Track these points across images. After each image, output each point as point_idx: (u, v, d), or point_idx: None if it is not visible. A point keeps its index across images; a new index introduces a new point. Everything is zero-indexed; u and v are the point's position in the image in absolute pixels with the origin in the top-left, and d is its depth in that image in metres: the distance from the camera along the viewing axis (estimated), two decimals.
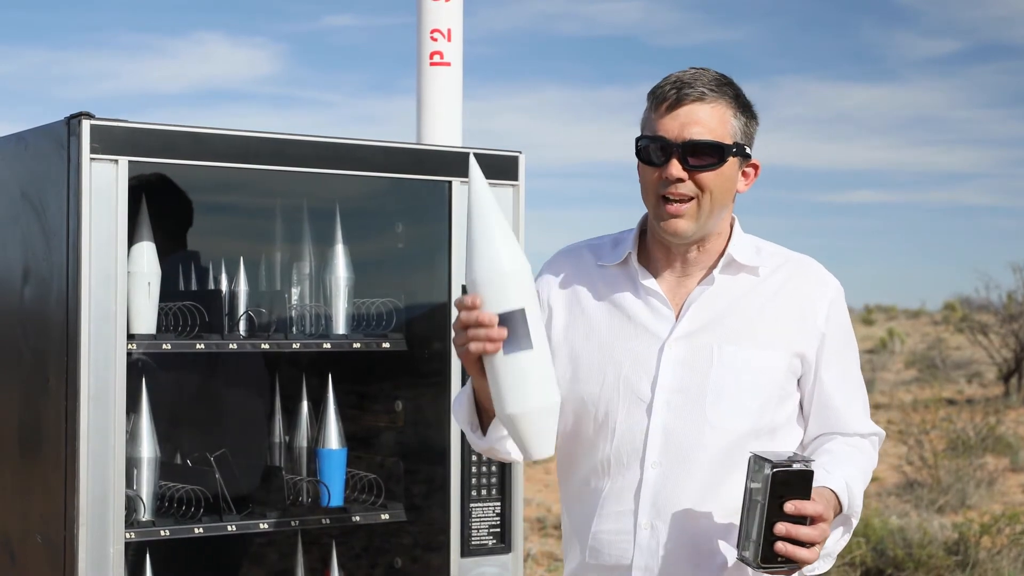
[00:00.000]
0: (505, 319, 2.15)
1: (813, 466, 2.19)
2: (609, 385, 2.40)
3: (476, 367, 2.22)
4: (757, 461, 2.19)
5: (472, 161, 2.21)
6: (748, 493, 2.20)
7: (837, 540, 2.36)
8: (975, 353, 21.65)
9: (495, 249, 2.16)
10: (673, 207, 2.35)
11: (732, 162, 2.37)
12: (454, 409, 2.49)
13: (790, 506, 2.15)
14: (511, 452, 2.37)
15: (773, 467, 2.15)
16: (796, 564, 2.18)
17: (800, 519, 2.17)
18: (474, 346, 2.16)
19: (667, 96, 2.36)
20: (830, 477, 2.29)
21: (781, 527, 2.15)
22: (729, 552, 2.36)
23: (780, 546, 2.16)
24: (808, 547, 2.17)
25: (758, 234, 2.53)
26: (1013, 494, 10.45)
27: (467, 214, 2.19)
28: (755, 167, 2.46)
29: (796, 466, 2.17)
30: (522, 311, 2.15)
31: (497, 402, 2.21)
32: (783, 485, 2.15)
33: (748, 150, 2.41)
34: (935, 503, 9.39)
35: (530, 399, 2.18)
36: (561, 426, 2.47)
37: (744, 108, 2.41)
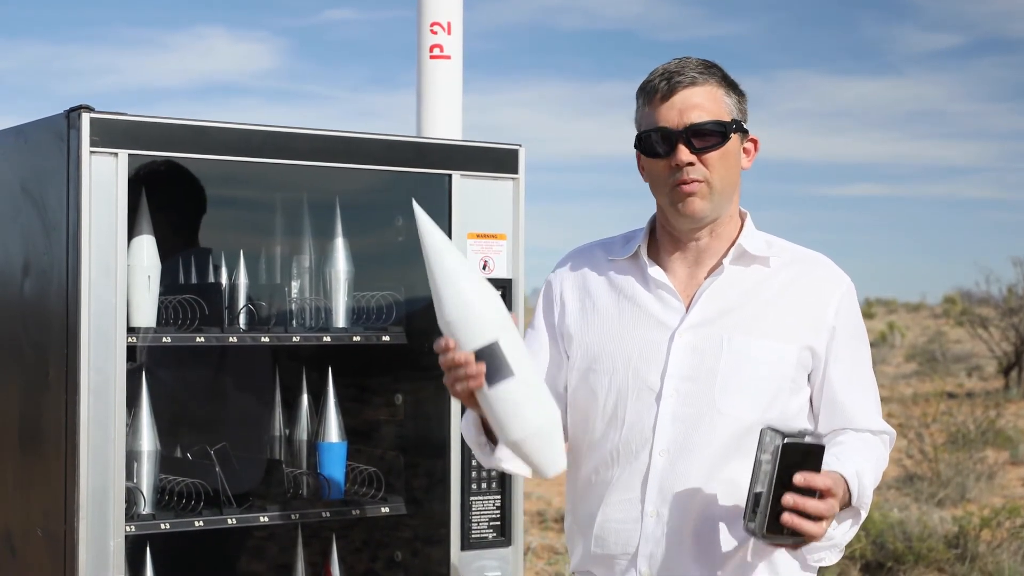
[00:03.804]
0: (482, 354, 2.20)
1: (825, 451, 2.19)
2: (619, 375, 2.42)
3: (472, 402, 2.28)
4: (769, 433, 2.19)
5: (416, 207, 2.24)
6: (758, 464, 2.20)
7: (846, 532, 2.34)
8: (975, 346, 21.65)
9: (457, 289, 2.20)
10: (688, 187, 2.38)
11: (734, 139, 2.42)
12: (463, 428, 2.54)
13: (799, 477, 2.14)
14: (518, 468, 2.38)
15: (784, 438, 2.15)
16: (802, 538, 2.17)
17: (809, 493, 2.16)
18: (459, 386, 2.23)
19: (658, 88, 2.41)
20: (841, 464, 2.28)
21: (789, 498, 2.14)
22: (733, 540, 2.36)
23: (787, 517, 2.14)
24: (816, 522, 2.16)
25: (759, 227, 2.54)
26: (1013, 487, 10.45)
27: (425, 258, 2.21)
28: (754, 142, 2.50)
29: (808, 439, 2.16)
30: (496, 344, 2.20)
31: (499, 432, 2.26)
32: (793, 457, 2.14)
33: (745, 126, 2.46)
34: (935, 496, 9.39)
35: (528, 423, 2.22)
36: (572, 419, 2.49)
37: (733, 87, 2.46)
